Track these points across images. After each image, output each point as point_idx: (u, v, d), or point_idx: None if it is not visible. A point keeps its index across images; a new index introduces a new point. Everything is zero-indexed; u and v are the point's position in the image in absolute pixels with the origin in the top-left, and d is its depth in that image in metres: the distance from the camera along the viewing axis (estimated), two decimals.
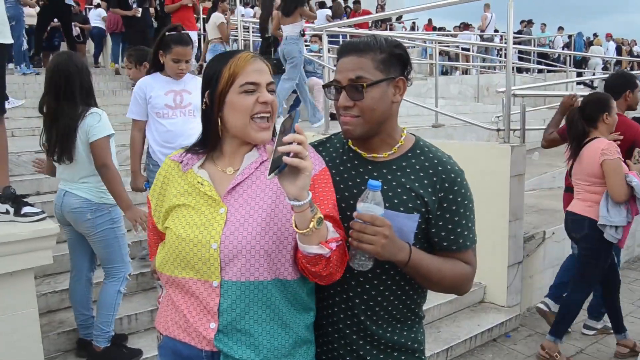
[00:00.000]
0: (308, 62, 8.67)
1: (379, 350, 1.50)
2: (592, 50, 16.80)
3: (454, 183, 1.45)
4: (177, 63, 3.15)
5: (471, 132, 7.08)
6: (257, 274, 1.35)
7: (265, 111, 1.41)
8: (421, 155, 1.48)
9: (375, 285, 1.48)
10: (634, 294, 4.98)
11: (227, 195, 1.41)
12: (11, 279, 2.34)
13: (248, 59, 1.42)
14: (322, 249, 1.26)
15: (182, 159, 1.50)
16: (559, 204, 5.93)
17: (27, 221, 2.44)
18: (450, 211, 1.44)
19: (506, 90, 4.28)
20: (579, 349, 3.89)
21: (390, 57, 1.42)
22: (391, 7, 16.86)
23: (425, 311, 3.80)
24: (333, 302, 1.52)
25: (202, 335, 1.37)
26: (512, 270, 4.24)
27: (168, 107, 3.20)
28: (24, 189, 3.88)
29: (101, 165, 2.83)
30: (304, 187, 1.19)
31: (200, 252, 1.36)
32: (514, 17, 4.11)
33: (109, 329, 2.98)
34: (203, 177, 1.44)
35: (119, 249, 2.99)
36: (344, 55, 1.44)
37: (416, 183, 1.44)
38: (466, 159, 1.73)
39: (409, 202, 1.43)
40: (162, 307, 1.53)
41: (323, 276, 1.34)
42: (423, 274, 1.37)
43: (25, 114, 6.87)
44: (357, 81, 1.39)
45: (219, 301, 1.35)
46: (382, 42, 1.43)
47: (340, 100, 1.42)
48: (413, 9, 6.39)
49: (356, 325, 1.50)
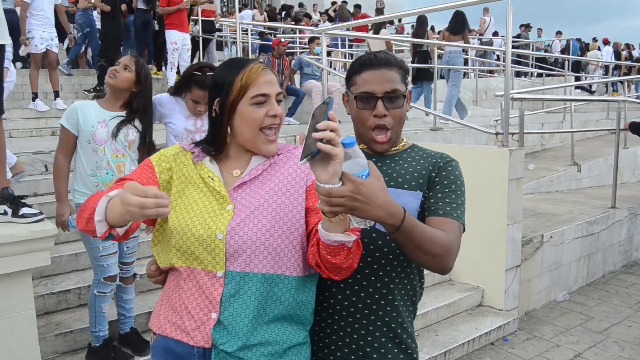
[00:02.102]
0: (306, 64, 8.69)
1: (380, 343, 1.54)
2: (590, 56, 16.86)
3: (447, 164, 1.59)
4: (196, 104, 3.05)
5: (469, 136, 7.09)
6: (261, 266, 1.38)
7: (275, 124, 1.47)
8: (419, 152, 1.66)
9: (372, 282, 1.53)
10: (631, 298, 4.99)
11: (234, 192, 1.45)
12: (8, 280, 2.34)
13: (259, 71, 1.46)
14: (348, 236, 1.27)
15: (194, 150, 1.54)
16: (556, 207, 5.97)
17: (25, 222, 2.43)
18: (441, 184, 1.55)
19: (505, 94, 4.29)
20: (576, 353, 3.89)
21: (404, 72, 1.60)
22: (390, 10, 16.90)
23: (423, 314, 3.87)
24: (329, 302, 1.55)
25: (198, 328, 1.38)
26: (510, 274, 4.24)
27: (188, 131, 3.11)
28: (21, 190, 3.87)
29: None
30: (335, 173, 1.20)
31: (205, 242, 1.38)
32: (513, 21, 4.12)
33: (95, 329, 2.99)
34: (214, 172, 1.48)
35: (90, 251, 2.94)
36: (374, 68, 1.55)
37: (417, 167, 1.60)
38: (464, 163, 1.75)
39: (411, 181, 1.56)
40: (157, 307, 1.54)
41: (343, 268, 1.34)
42: (416, 241, 1.33)
43: (23, 115, 6.87)
44: (393, 93, 1.54)
45: (222, 291, 1.37)
46: (397, 58, 1.60)
47: (379, 109, 1.54)
48: (412, 12, 6.42)
49: (353, 324, 1.54)
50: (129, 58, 2.93)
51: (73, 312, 3.35)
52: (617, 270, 5.82)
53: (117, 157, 2.89)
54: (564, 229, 4.96)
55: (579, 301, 4.93)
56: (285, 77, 8.68)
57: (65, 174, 2.95)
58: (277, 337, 1.41)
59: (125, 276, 3.10)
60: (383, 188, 1.25)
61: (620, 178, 6.59)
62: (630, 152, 8.10)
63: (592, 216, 5.40)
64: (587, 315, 4.58)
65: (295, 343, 1.45)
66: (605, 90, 15.65)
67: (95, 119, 2.88)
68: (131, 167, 2.93)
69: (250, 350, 1.37)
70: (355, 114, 1.59)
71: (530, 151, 8.50)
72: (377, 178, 1.25)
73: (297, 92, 8.63)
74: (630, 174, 8.18)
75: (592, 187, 7.57)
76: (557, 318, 4.54)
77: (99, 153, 2.87)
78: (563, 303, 4.89)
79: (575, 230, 5.10)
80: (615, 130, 5.90)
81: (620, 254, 5.89)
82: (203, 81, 2.96)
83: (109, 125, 2.88)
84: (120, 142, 2.90)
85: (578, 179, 7.48)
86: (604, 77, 14.99)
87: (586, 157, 7.95)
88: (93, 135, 2.86)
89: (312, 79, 8.68)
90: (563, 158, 8.00)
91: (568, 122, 8.78)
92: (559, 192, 7.08)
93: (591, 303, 4.88)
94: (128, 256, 3.07)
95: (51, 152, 4.95)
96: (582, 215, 5.46)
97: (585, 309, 4.74)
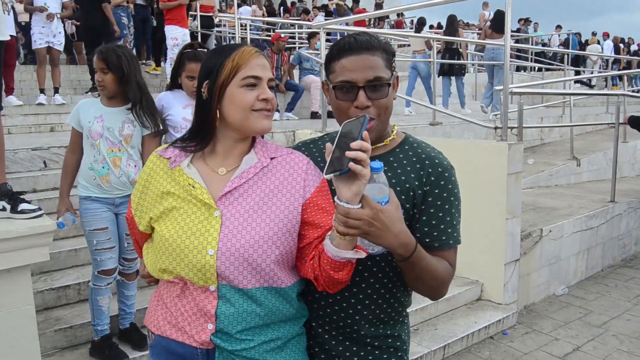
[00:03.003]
0: (305, 59, 8.68)
1: (359, 347, 1.49)
2: (589, 50, 16.83)
3: (441, 177, 1.43)
4: (191, 80, 3.02)
5: (469, 130, 7.09)
6: (254, 281, 1.34)
7: (266, 108, 1.38)
8: (409, 151, 1.48)
9: (363, 288, 1.46)
10: (630, 292, 4.99)
11: (222, 198, 1.36)
12: (8, 276, 2.33)
13: (252, 53, 1.39)
14: (358, 253, 1.26)
15: (170, 155, 1.44)
16: (556, 202, 5.97)
17: (24, 218, 2.43)
18: (434, 206, 1.42)
19: (504, 89, 4.29)
20: (575, 347, 3.90)
21: (389, 56, 1.43)
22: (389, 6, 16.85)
23: (422, 309, 3.87)
24: (320, 300, 1.50)
25: (198, 334, 1.36)
26: (509, 268, 4.25)
27: (186, 120, 3.09)
28: (20, 186, 3.88)
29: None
30: (358, 193, 1.18)
31: (195, 259, 1.32)
32: (512, 15, 4.11)
33: (94, 323, 2.99)
34: (194, 179, 1.38)
35: (88, 244, 2.96)
36: (355, 53, 1.38)
37: (403, 177, 1.43)
38: (464, 157, 1.74)
39: (400, 194, 1.41)
40: (152, 305, 1.50)
41: (342, 282, 1.32)
42: (419, 272, 1.33)
43: (22, 111, 6.86)
44: (376, 81, 1.38)
45: (217, 304, 1.34)
46: (380, 40, 1.43)
47: (360, 100, 1.37)
48: (411, 6, 6.39)
49: (342, 321, 1.48)
50: (97, 59, 2.87)
51: (72, 308, 3.35)
52: (616, 264, 5.83)
53: (112, 152, 2.89)
54: (563, 223, 4.96)
55: (578, 295, 4.94)
56: (284, 73, 8.67)
57: (70, 171, 3.02)
58: (278, 335, 1.40)
59: (127, 272, 3.08)
60: (400, 218, 1.24)
61: (619, 172, 6.59)
62: (630, 146, 8.09)
63: (591, 210, 5.40)
64: (586, 309, 4.59)
65: (294, 334, 1.45)
66: (605, 84, 15.64)
67: (93, 114, 2.91)
68: (129, 162, 2.93)
69: (253, 348, 1.36)
70: (335, 105, 1.43)
71: (530, 145, 8.50)
72: (395, 206, 1.23)
73: (296, 88, 8.61)
74: (630, 168, 8.18)
75: (592, 181, 7.57)
76: (556, 312, 4.54)
77: (96, 147, 2.89)
78: (562, 297, 4.90)
79: (575, 225, 5.10)
80: (614, 124, 5.90)
81: (620, 247, 5.89)
82: (194, 54, 3.02)
83: (105, 120, 2.89)
84: (115, 136, 2.89)
85: (577, 173, 7.48)
86: (603, 71, 14.97)
87: (585, 151, 7.95)
88: (90, 131, 2.89)
89: (311, 74, 8.66)
90: (562, 152, 7.99)
91: (567, 116, 8.77)
92: (558, 186, 7.08)
93: (590, 297, 4.89)
94: (130, 252, 3.05)
95: (50, 149, 4.95)
96: (582, 209, 5.47)
97: (584, 302, 4.75)
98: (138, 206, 1.47)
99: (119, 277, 3.06)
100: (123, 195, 2.93)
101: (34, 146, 4.95)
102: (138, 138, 2.96)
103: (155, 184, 1.43)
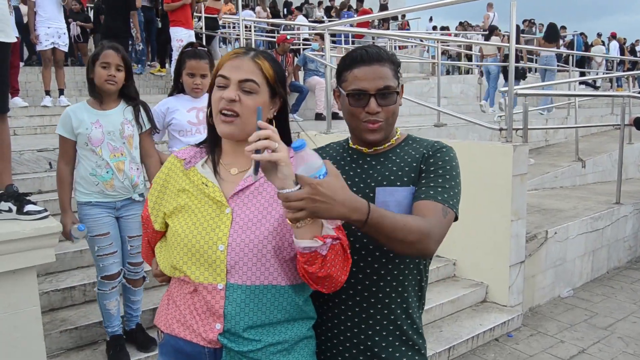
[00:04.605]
0: (310, 60, 8.68)
1: (388, 342, 1.54)
2: (594, 51, 16.76)
3: (438, 152, 1.55)
4: (192, 78, 3.02)
5: (473, 132, 7.07)
6: (263, 277, 1.36)
7: (226, 108, 1.38)
8: (413, 144, 1.63)
9: (374, 292, 1.52)
10: (636, 294, 4.97)
11: (233, 197, 1.41)
12: (13, 277, 2.34)
13: (232, 55, 1.43)
14: (315, 242, 1.24)
15: (186, 156, 1.51)
16: (561, 203, 5.95)
17: (30, 219, 2.44)
18: (427, 171, 1.52)
19: (509, 90, 4.28)
20: (580, 349, 3.89)
21: (395, 67, 1.56)
22: (393, 6, 16.84)
23: (427, 310, 3.86)
24: (330, 308, 1.55)
25: (206, 332, 1.37)
26: (514, 270, 4.23)
27: (191, 123, 3.09)
28: (26, 188, 3.89)
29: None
30: (286, 176, 1.19)
31: (206, 254, 1.36)
32: (517, 16, 4.10)
33: (105, 324, 3.00)
34: (207, 178, 1.43)
35: (90, 249, 2.95)
36: (366, 64, 1.51)
37: (408, 159, 1.57)
38: (468, 158, 1.76)
39: (404, 176, 1.53)
40: (162, 304, 1.53)
41: (321, 278, 1.30)
42: (387, 232, 1.30)
43: (27, 112, 6.88)
44: (386, 89, 1.51)
45: (224, 303, 1.36)
46: (388, 52, 1.57)
47: (371, 106, 1.50)
48: (415, 7, 6.38)
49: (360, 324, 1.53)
50: (114, 54, 2.85)
51: (78, 309, 3.36)
52: (621, 266, 5.80)
53: (115, 157, 2.86)
54: (569, 225, 4.95)
55: (584, 297, 4.92)
56: (288, 74, 8.68)
57: (68, 183, 2.93)
58: (285, 337, 1.41)
59: (133, 278, 3.05)
60: (343, 186, 1.23)
61: (625, 174, 6.57)
62: (635, 147, 8.07)
63: (596, 212, 5.38)
64: (591, 311, 4.57)
65: (302, 337, 1.45)
66: (610, 85, 15.59)
67: (89, 120, 2.85)
68: (131, 165, 2.92)
69: (260, 350, 1.37)
70: (347, 110, 1.56)
71: (535, 147, 8.48)
72: (334, 176, 1.22)
73: (300, 89, 8.61)
74: (635, 170, 8.15)
75: (597, 183, 7.55)
76: (561, 314, 4.53)
77: (97, 154, 2.85)
78: (567, 299, 4.88)
79: (580, 226, 5.08)
80: (619, 126, 5.88)
81: (625, 249, 5.87)
82: (194, 52, 3.02)
83: (103, 124, 2.86)
84: (117, 140, 2.87)
85: (582, 175, 7.46)
86: (608, 72, 14.92)
87: (591, 152, 7.93)
88: (89, 138, 2.84)
89: (316, 75, 8.66)
90: (567, 154, 7.97)
91: (572, 118, 8.75)
92: (563, 188, 7.06)
93: (596, 299, 4.87)
94: (134, 256, 3.02)
95: (55, 150, 4.96)
96: (587, 211, 5.45)
97: (589, 305, 4.73)
98: (155, 205, 1.51)
99: (125, 282, 3.04)
100: (125, 198, 2.93)
101: (40, 147, 4.96)
102: (137, 137, 2.97)
103: (172, 182, 1.49)
